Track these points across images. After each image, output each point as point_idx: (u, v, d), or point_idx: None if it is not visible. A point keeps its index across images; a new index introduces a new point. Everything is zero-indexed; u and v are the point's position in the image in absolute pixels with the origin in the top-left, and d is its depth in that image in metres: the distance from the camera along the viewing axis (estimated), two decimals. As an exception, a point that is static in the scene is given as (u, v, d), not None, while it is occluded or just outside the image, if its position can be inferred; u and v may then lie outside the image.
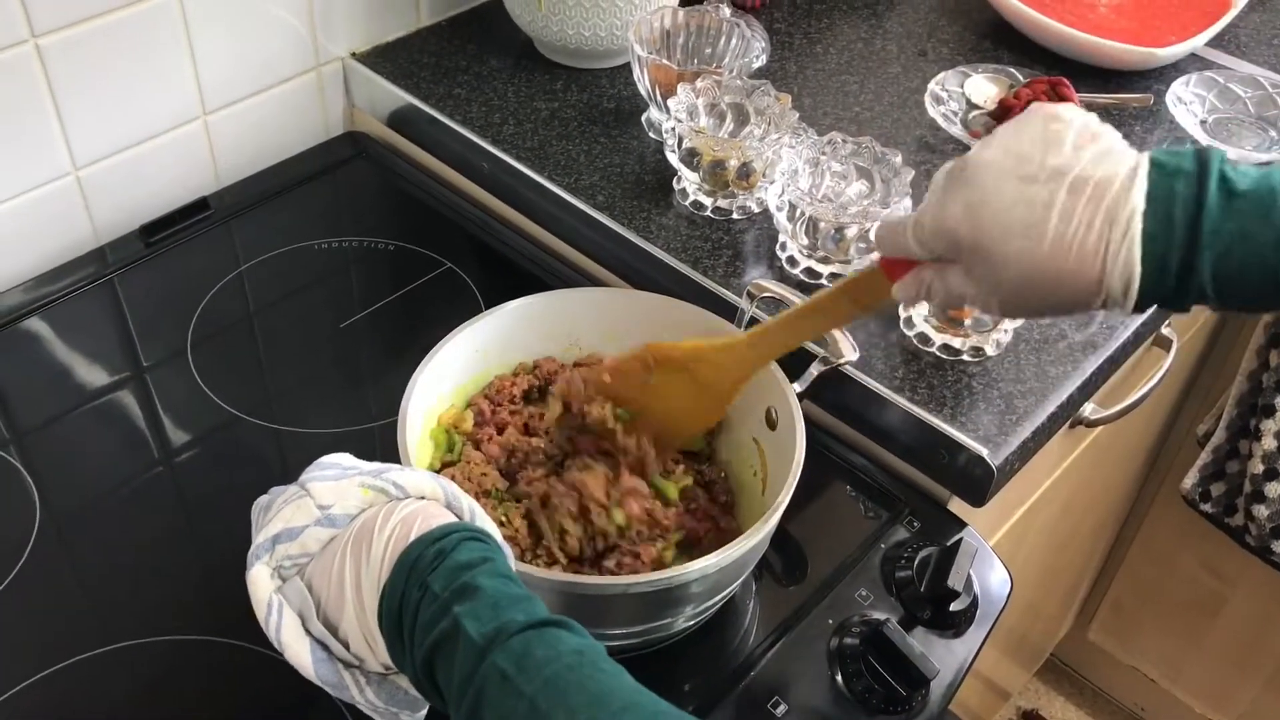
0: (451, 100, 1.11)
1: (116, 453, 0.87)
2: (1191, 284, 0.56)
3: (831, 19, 1.27)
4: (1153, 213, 0.56)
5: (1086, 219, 0.57)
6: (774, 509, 0.69)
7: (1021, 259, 0.58)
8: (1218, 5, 1.23)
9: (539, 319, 0.83)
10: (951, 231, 0.61)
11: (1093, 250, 0.57)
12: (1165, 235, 0.56)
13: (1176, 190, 0.56)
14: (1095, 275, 0.57)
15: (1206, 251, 0.56)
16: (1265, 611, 1.58)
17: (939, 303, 0.65)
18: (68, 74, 0.94)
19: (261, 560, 0.59)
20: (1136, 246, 0.56)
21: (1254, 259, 0.55)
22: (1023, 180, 0.58)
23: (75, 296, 0.98)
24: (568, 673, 0.49)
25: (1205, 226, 0.55)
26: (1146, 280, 0.56)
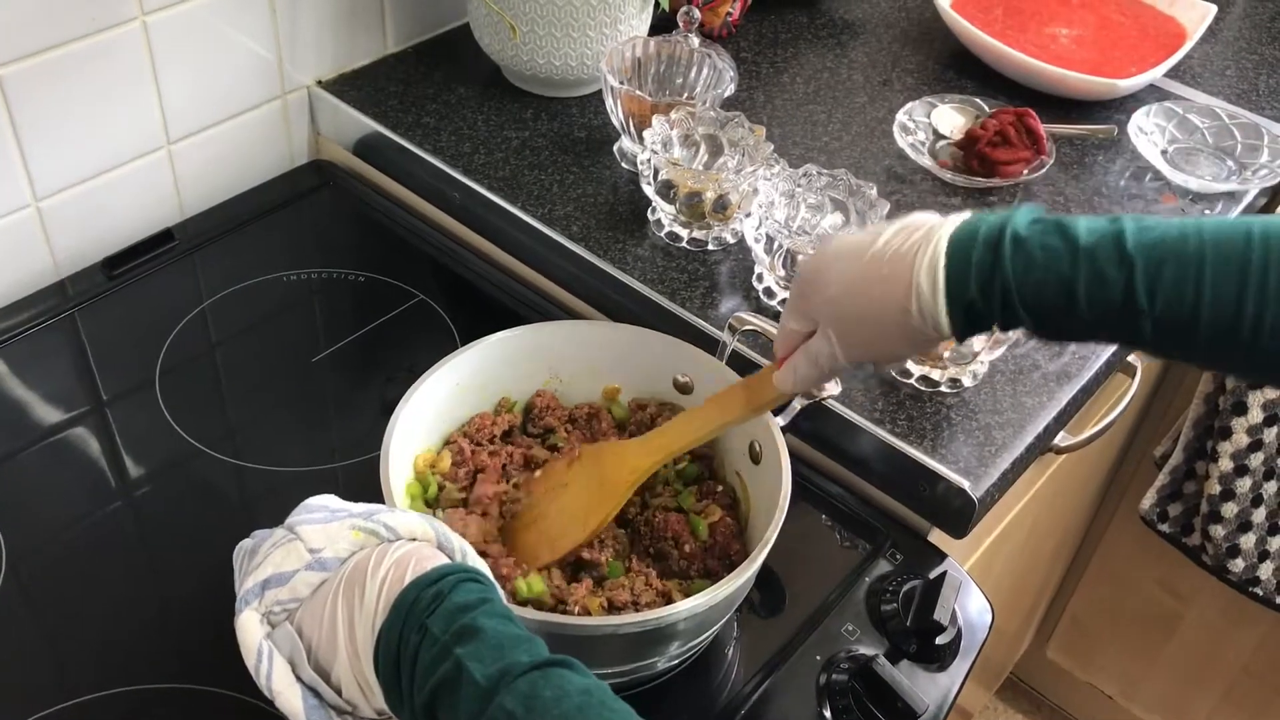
0: (420, 129, 1.10)
1: (78, 490, 0.85)
2: (995, 285, 0.59)
3: (797, 48, 1.27)
4: (962, 227, 0.61)
5: (903, 240, 0.63)
6: (762, 545, 0.69)
7: (844, 274, 0.65)
8: (1173, 37, 1.26)
9: (519, 352, 0.82)
10: (799, 276, 0.69)
11: (904, 255, 0.62)
12: (970, 240, 0.60)
13: (985, 216, 0.62)
14: (906, 278, 0.61)
15: (1008, 252, 0.59)
16: (1219, 628, 1.60)
17: (805, 374, 0.69)
18: (28, 104, 0.92)
19: (251, 606, 0.58)
20: (943, 245, 0.61)
21: (1053, 270, 0.58)
22: (864, 233, 0.66)
23: (35, 331, 0.96)
24: (576, 713, 0.49)
25: (1009, 233, 0.59)
26: (951, 276, 0.60)
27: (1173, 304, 0.57)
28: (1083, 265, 0.58)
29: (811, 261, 0.68)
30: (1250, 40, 1.36)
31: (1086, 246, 0.58)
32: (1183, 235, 0.57)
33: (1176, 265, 0.56)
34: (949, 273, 0.60)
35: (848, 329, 0.66)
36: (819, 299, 0.67)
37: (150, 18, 0.96)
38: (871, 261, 0.63)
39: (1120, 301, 0.57)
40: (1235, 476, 1.36)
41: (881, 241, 0.63)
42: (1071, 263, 0.58)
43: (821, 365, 0.68)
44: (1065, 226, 0.59)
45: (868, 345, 0.66)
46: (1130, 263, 0.57)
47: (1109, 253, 0.58)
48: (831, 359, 0.67)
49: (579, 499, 0.75)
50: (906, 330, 0.63)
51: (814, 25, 1.32)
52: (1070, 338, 0.64)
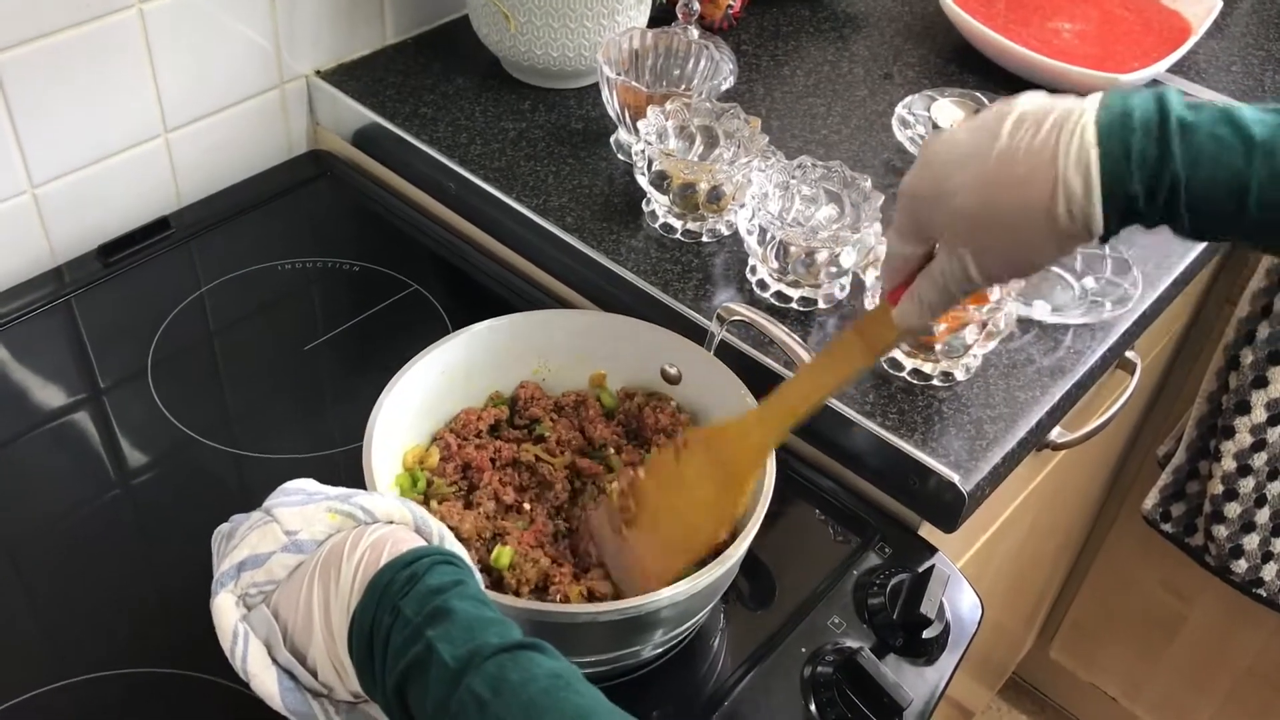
0: (418, 119, 1.10)
1: (73, 476, 0.85)
2: (1162, 180, 0.53)
3: (799, 41, 1.27)
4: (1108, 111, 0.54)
5: (1032, 129, 0.55)
6: (744, 535, 0.68)
7: (970, 183, 0.57)
8: (1178, 32, 1.25)
9: (507, 341, 0.82)
10: (907, 192, 0.60)
11: (1040, 148, 0.55)
12: (1125, 126, 0.53)
13: (1131, 98, 0.55)
14: (1050, 175, 0.54)
15: (1177, 145, 0.53)
16: (1222, 630, 1.59)
17: (933, 300, 0.62)
18: (25, 91, 0.92)
19: (226, 588, 0.58)
20: (1090, 134, 0.54)
21: (1225, 164, 0.53)
22: (974, 128, 0.58)
23: (31, 318, 0.96)
24: (544, 696, 0.49)
25: (1173, 121, 0.53)
26: (1109, 170, 0.53)
27: None
28: (1259, 161, 0.52)
29: (924, 173, 0.60)
30: (1258, 36, 1.35)
31: (1263, 141, 0.52)
32: None
33: None
34: (1105, 167, 0.53)
35: (984, 242, 0.58)
36: (942, 213, 0.59)
37: (147, 5, 0.96)
38: (1001, 161, 0.56)
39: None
40: (1238, 476, 1.35)
41: (1006, 135, 0.56)
42: (1246, 158, 0.52)
43: (951, 289, 0.60)
44: (1234, 115, 0.53)
45: (1008, 257, 0.58)
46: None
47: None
48: (963, 279, 0.59)
49: (703, 490, 0.70)
50: (1054, 234, 0.56)
51: (816, 19, 1.31)
52: (1226, 237, 0.57)
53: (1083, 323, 0.93)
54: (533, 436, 0.81)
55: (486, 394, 0.83)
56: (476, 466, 0.77)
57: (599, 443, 0.80)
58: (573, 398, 0.83)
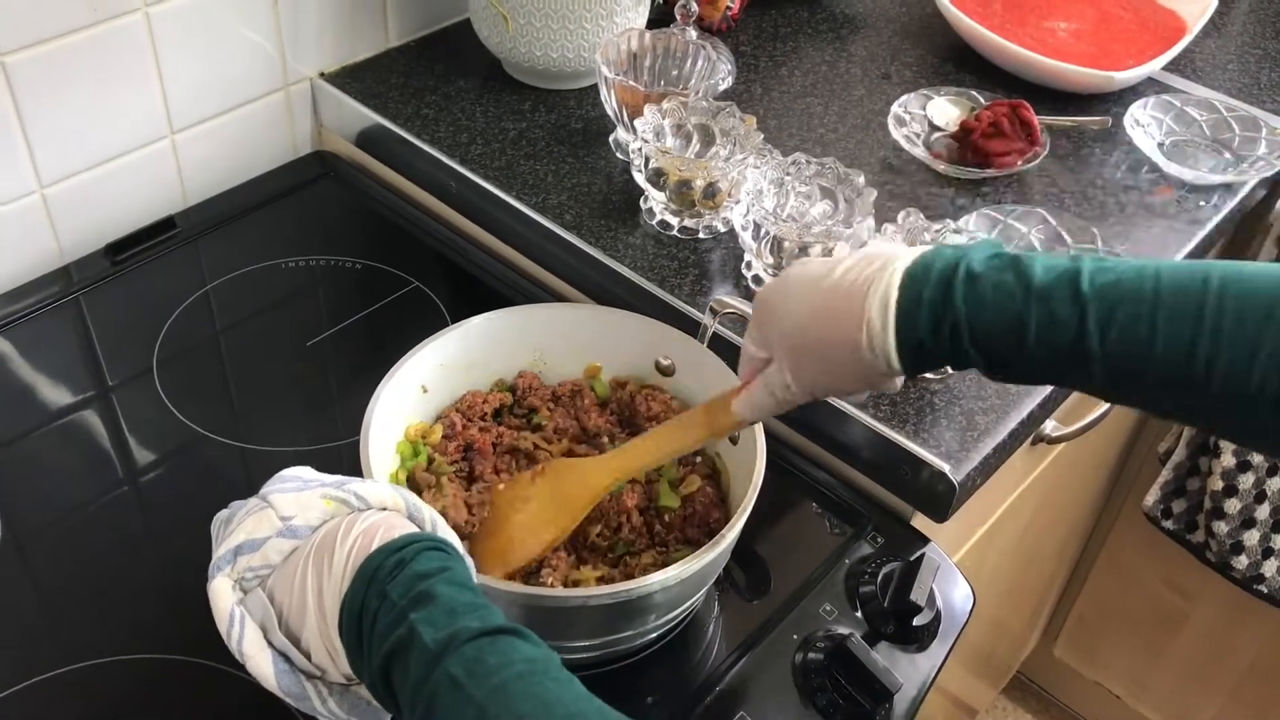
0: (420, 120, 1.12)
1: (81, 471, 0.86)
2: (945, 322, 0.59)
3: (797, 42, 1.28)
4: (919, 260, 0.61)
5: (862, 267, 0.62)
6: (734, 521, 0.70)
7: (800, 303, 0.64)
8: (1173, 31, 1.26)
9: (504, 333, 0.83)
10: (758, 300, 0.68)
11: (860, 286, 0.61)
12: (923, 276, 0.60)
13: (943, 250, 0.61)
14: (859, 312, 0.61)
15: (959, 290, 0.58)
16: (1226, 627, 1.60)
17: (761, 403, 0.69)
18: (34, 92, 0.94)
19: (223, 572, 0.59)
20: (896, 278, 0.60)
21: (1005, 310, 0.58)
22: (828, 260, 0.65)
23: (40, 315, 0.98)
24: (517, 680, 0.50)
25: (961, 270, 0.59)
26: (902, 311, 0.60)
27: (1125, 345, 0.56)
28: (1035, 304, 0.57)
29: (770, 289, 0.67)
30: (1254, 35, 1.36)
31: (1041, 286, 0.57)
32: (1140, 277, 0.56)
33: (1131, 306, 0.55)
34: (900, 308, 0.60)
35: (800, 362, 0.65)
36: (774, 329, 0.66)
37: (153, 9, 0.98)
38: (828, 293, 0.63)
39: (1071, 343, 0.56)
40: (1238, 472, 1.36)
41: (839, 271, 0.63)
42: (1024, 301, 0.57)
43: (777, 396, 0.67)
44: (1021, 264, 0.58)
45: (820, 379, 0.65)
46: (1084, 304, 0.56)
47: (1063, 293, 0.57)
48: (785, 390, 0.67)
49: (539, 514, 0.75)
50: (858, 365, 0.62)
51: (814, 20, 1.32)
52: (1020, 379, 0.61)
53: (1074, 316, 0.94)
54: (530, 425, 0.82)
55: (484, 386, 0.84)
56: (479, 449, 0.79)
57: (594, 431, 0.82)
58: (569, 388, 0.84)
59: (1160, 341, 0.55)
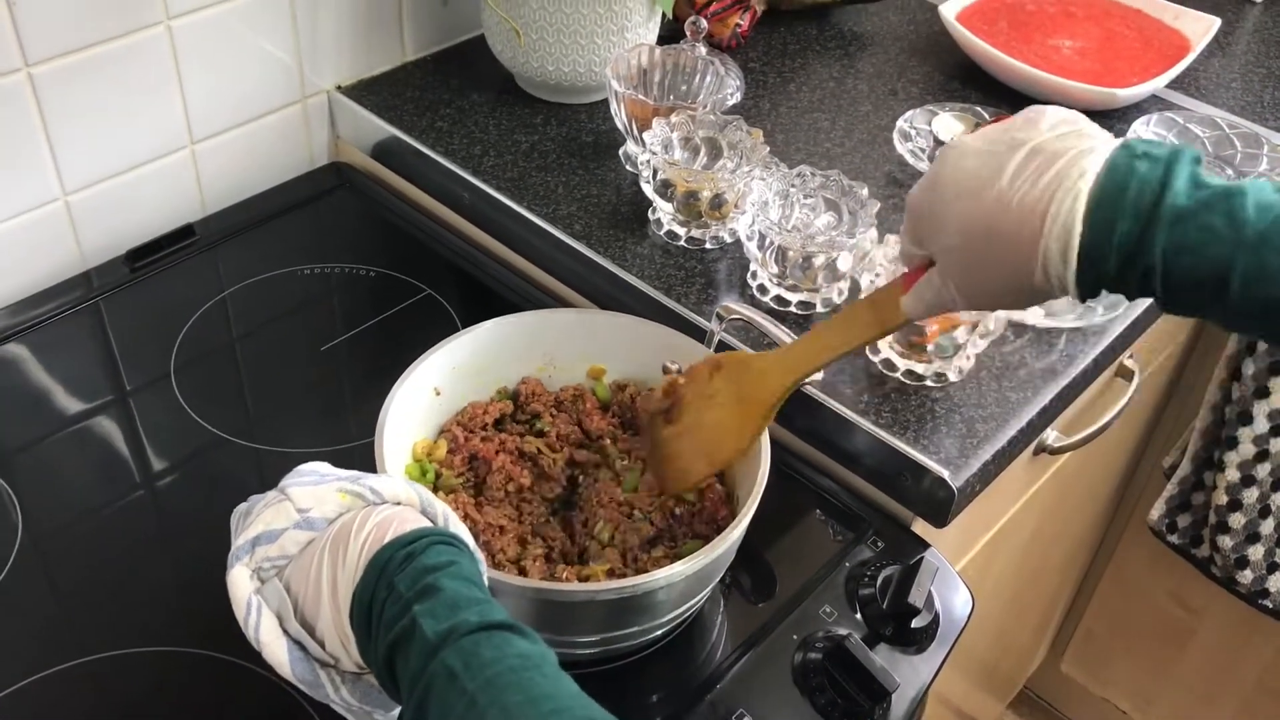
0: (434, 133, 1.14)
1: (100, 473, 0.88)
2: (1137, 265, 0.54)
3: (805, 59, 1.30)
4: (1108, 179, 0.54)
5: (1034, 176, 0.56)
6: (739, 519, 0.71)
7: (963, 222, 0.58)
8: (1177, 49, 1.27)
9: (515, 338, 0.85)
10: (912, 208, 0.63)
11: (1033, 204, 0.55)
12: (1115, 203, 0.54)
13: (1138, 167, 0.54)
14: (1034, 232, 0.55)
15: (1162, 233, 0.53)
16: (1232, 642, 1.60)
17: (931, 303, 0.65)
18: (59, 102, 0.97)
19: (241, 561, 0.61)
20: (1081, 202, 0.54)
21: (1208, 258, 0.52)
22: (983, 153, 0.59)
23: (61, 320, 1.00)
24: (509, 674, 0.51)
25: (1166, 205, 0.53)
26: (1088, 246, 0.54)
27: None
28: (1244, 254, 0.52)
29: (928, 194, 0.62)
30: (1259, 54, 1.38)
31: (1253, 235, 0.51)
32: None
33: None
34: (1086, 247, 0.54)
35: (967, 280, 0.61)
36: (935, 241, 0.62)
37: (175, 22, 1.01)
38: (997, 206, 0.57)
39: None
40: (1242, 487, 1.37)
41: (1007, 177, 0.56)
42: (1233, 248, 0.52)
43: (945, 303, 0.64)
44: (1233, 203, 0.52)
45: (986, 298, 0.62)
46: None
47: (1278, 242, 0.51)
48: (950, 301, 0.63)
49: (729, 412, 0.75)
50: (1030, 290, 0.58)
51: (823, 37, 1.35)
52: (1207, 316, 0.56)
53: (1075, 327, 0.96)
54: (534, 431, 0.84)
55: (494, 388, 0.86)
56: (483, 457, 0.81)
57: (596, 434, 0.83)
58: (570, 392, 0.86)
59: None
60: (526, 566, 0.74)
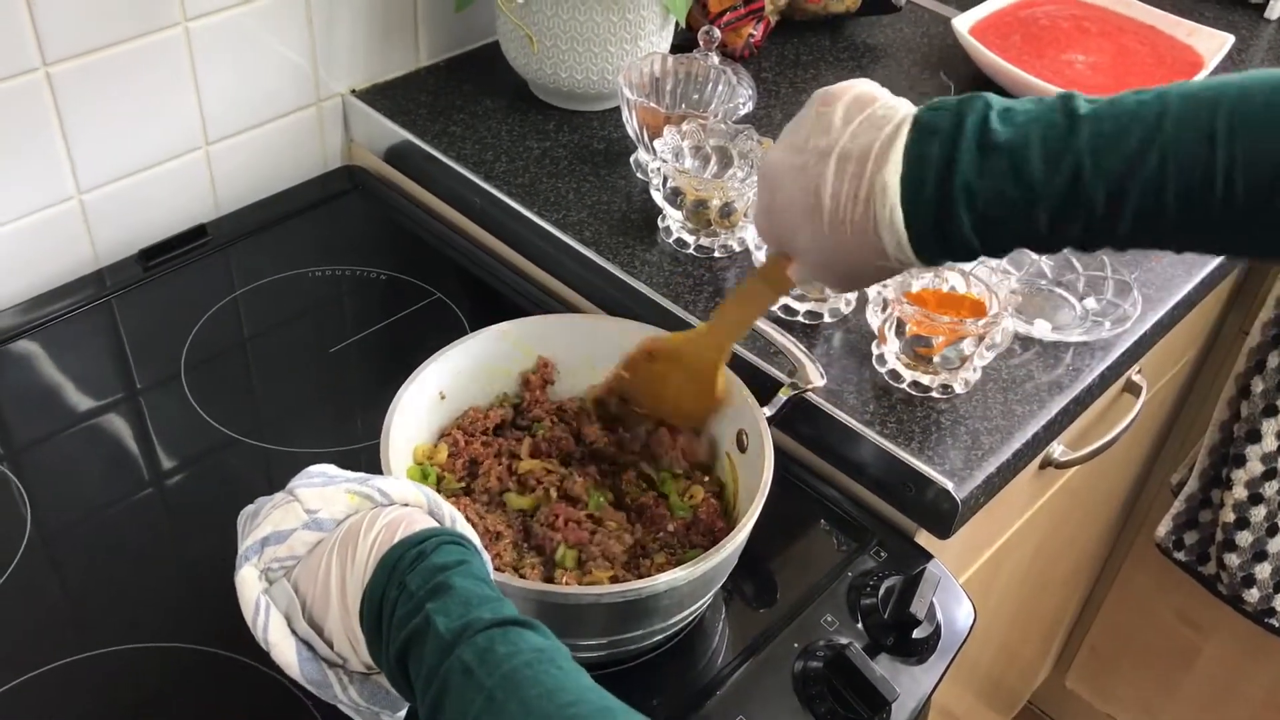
0: (447, 137, 1.15)
1: (109, 470, 0.89)
2: (955, 237, 0.60)
3: (818, 69, 1.31)
4: (908, 176, 0.60)
5: (851, 193, 0.61)
6: (741, 525, 0.72)
7: (814, 242, 0.64)
8: (1190, 66, 1.27)
9: (521, 342, 0.86)
10: (764, 235, 0.70)
11: (862, 222, 0.61)
12: (918, 197, 0.59)
13: (929, 153, 0.59)
14: (874, 244, 0.62)
15: (960, 209, 0.59)
16: (1238, 661, 1.60)
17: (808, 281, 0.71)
18: (76, 101, 0.98)
19: (250, 562, 0.61)
20: (898, 213, 0.60)
21: (1008, 213, 0.58)
22: (797, 170, 0.64)
23: (73, 317, 1.01)
24: (525, 668, 0.51)
25: (956, 183, 0.58)
26: (917, 241, 0.60)
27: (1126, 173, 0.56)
28: (1041, 212, 0.58)
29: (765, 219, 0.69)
30: (1272, 72, 1.37)
31: (1044, 188, 0.57)
32: (1139, 104, 0.57)
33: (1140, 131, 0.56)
34: (916, 244, 0.61)
35: (831, 279, 0.69)
36: (795, 253, 0.68)
37: (193, 24, 1.02)
38: (834, 230, 0.63)
39: (1070, 184, 0.57)
40: (1250, 505, 1.37)
41: (829, 196, 0.62)
42: (1029, 206, 0.58)
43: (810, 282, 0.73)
44: (1017, 158, 0.58)
45: (852, 284, 0.71)
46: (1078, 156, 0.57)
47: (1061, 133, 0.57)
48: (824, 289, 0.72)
49: (685, 386, 0.81)
50: (886, 271, 0.65)
51: (835, 48, 1.35)
52: (1030, 241, 0.61)
53: (1082, 341, 0.96)
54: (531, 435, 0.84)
55: (499, 393, 0.87)
56: (482, 464, 0.81)
57: (589, 440, 0.84)
58: (576, 404, 0.86)
59: (1172, 164, 0.56)
60: (525, 574, 0.74)
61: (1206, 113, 0.56)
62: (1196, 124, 0.56)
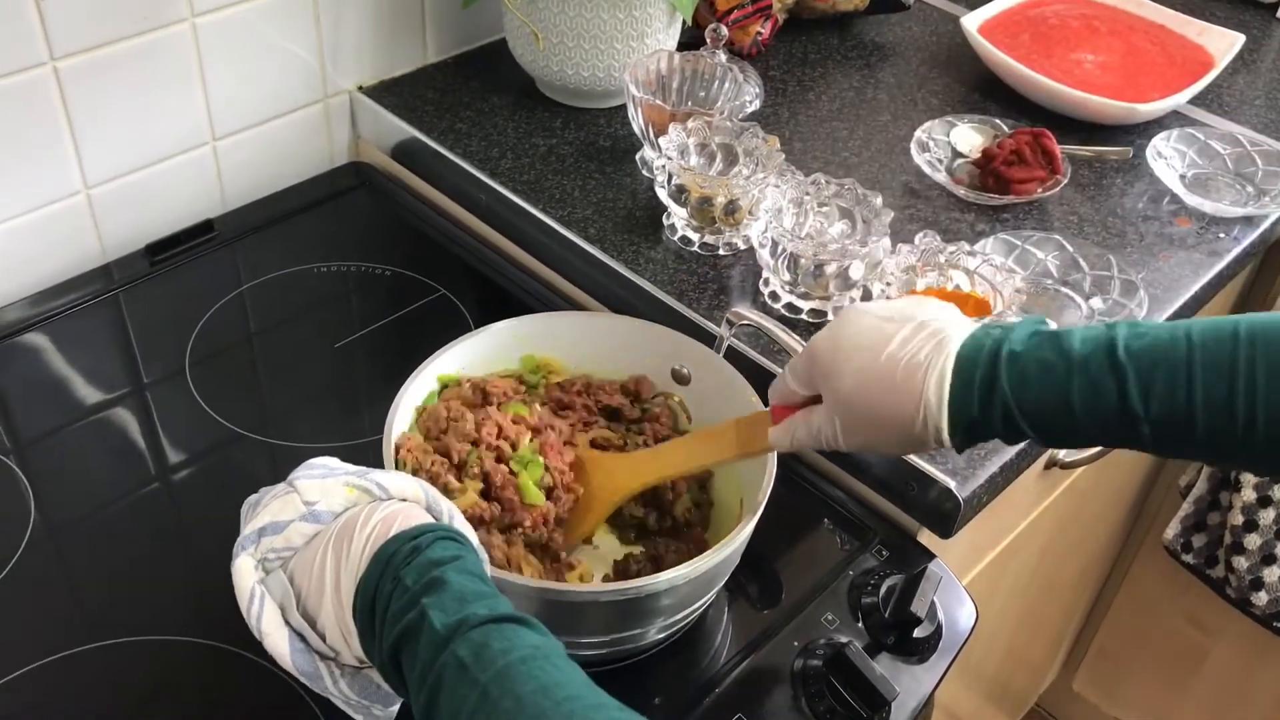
0: (453, 134, 1.15)
1: (114, 464, 0.89)
2: (995, 402, 0.62)
3: (825, 68, 1.31)
4: (969, 341, 0.64)
5: (919, 345, 0.65)
6: (742, 525, 0.72)
7: (859, 370, 0.66)
8: (1200, 65, 1.27)
9: (525, 339, 0.86)
10: (811, 350, 0.70)
11: (917, 366, 0.64)
12: (973, 357, 0.63)
13: (990, 332, 0.65)
14: (917, 392, 0.64)
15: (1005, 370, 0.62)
16: (1247, 664, 1.59)
17: (802, 440, 0.71)
18: (83, 96, 0.98)
19: (246, 551, 0.62)
20: (950, 361, 0.64)
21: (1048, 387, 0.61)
22: (882, 319, 0.68)
23: (80, 311, 1.02)
24: (520, 664, 0.52)
25: (1005, 351, 0.62)
26: (956, 391, 0.63)
27: (1167, 409, 0.59)
28: (1077, 377, 0.60)
29: (828, 341, 0.69)
30: (1284, 72, 1.37)
31: (1080, 357, 0.61)
32: (1173, 339, 0.59)
33: (1168, 370, 0.59)
34: (954, 391, 0.63)
35: (854, 423, 0.68)
36: (830, 385, 0.68)
37: (199, 20, 1.02)
38: (887, 364, 0.65)
39: (1117, 409, 0.60)
40: (1258, 507, 1.36)
41: (898, 342, 0.66)
42: (1066, 375, 0.61)
43: (820, 441, 0.70)
44: (1060, 339, 0.62)
45: (869, 440, 0.69)
46: (1123, 371, 0.59)
47: (1101, 362, 0.60)
48: (832, 440, 0.69)
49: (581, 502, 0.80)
50: (910, 436, 0.66)
51: (844, 46, 1.35)
52: (1075, 444, 0.66)
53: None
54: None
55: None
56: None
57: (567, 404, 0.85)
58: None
59: (1200, 400, 0.58)
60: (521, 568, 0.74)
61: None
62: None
